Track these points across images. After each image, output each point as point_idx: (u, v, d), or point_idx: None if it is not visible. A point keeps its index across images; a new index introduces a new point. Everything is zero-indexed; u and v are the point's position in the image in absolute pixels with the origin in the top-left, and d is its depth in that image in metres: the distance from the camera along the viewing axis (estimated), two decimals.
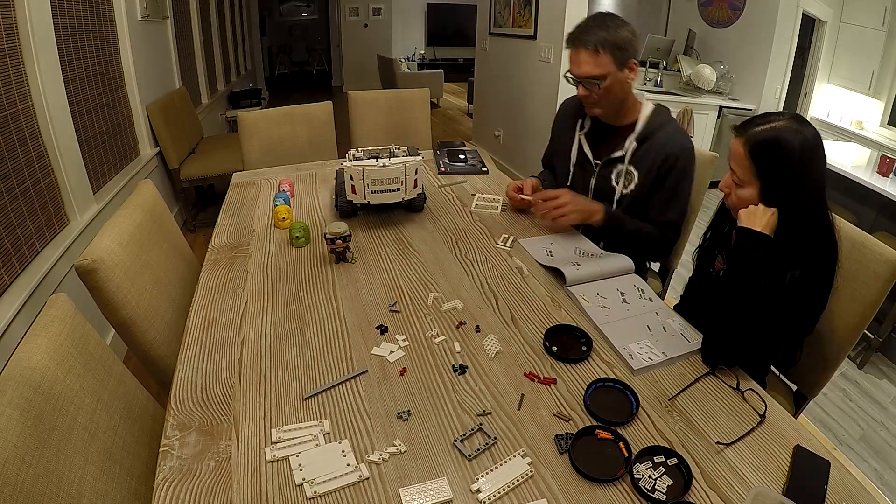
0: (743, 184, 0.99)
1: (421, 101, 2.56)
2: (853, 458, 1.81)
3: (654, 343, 1.02)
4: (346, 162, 1.44)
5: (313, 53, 10.39)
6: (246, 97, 5.76)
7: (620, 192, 1.48)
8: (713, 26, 4.50)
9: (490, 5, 4.31)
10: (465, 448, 0.78)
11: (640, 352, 0.99)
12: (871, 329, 2.22)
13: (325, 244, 1.28)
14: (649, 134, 1.42)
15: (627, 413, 0.85)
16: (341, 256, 1.30)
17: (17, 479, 0.61)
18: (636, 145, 1.43)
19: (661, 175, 1.41)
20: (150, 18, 3.06)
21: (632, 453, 0.77)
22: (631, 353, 0.98)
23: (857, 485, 0.75)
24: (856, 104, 4.30)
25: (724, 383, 0.93)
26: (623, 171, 1.46)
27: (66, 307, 0.86)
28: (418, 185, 1.51)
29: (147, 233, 1.24)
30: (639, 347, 1.00)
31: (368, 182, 1.43)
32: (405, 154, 1.53)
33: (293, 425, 0.82)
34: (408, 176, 1.45)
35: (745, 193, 1.00)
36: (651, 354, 0.98)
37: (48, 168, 1.87)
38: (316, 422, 0.83)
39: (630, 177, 1.45)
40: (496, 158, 4.46)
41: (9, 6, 1.66)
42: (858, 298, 1.09)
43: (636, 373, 0.95)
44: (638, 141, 1.43)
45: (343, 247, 1.28)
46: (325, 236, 1.26)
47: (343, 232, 1.25)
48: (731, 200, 1.05)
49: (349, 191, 1.45)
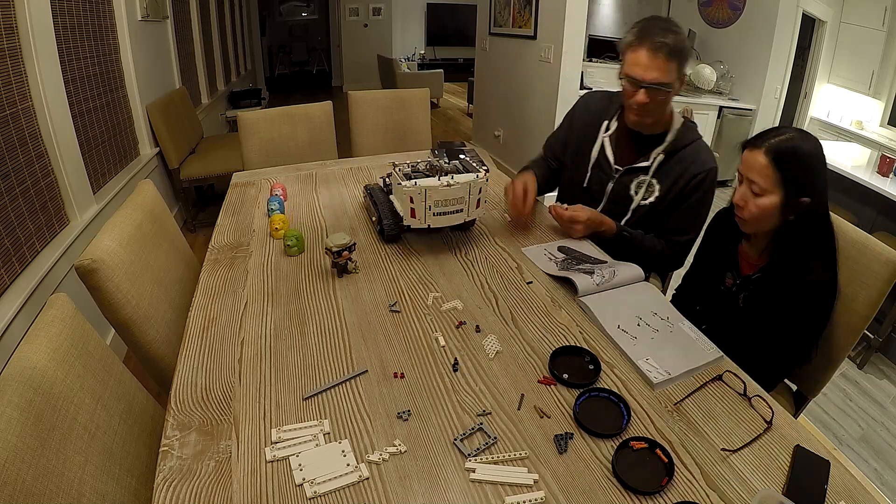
0: (764, 193, 1.03)
1: (421, 101, 2.56)
2: (853, 458, 1.81)
3: (671, 355, 0.98)
4: (398, 181, 1.28)
5: (313, 53, 10.39)
6: (246, 97, 5.76)
7: (638, 203, 1.44)
8: (713, 26, 4.50)
9: (490, 5, 4.31)
10: (465, 447, 0.78)
11: (658, 365, 0.95)
12: (871, 329, 2.22)
13: (329, 257, 1.19)
14: (678, 148, 1.39)
15: (617, 427, 0.83)
16: (343, 269, 1.22)
17: (17, 479, 0.61)
18: (664, 158, 1.39)
19: (686, 193, 1.39)
20: (150, 18, 3.06)
21: (671, 459, 0.76)
22: (649, 368, 0.94)
23: (857, 485, 0.75)
24: (856, 104, 4.30)
25: (730, 388, 0.93)
26: (645, 183, 1.42)
27: (66, 307, 0.86)
28: (481, 204, 1.34)
29: (147, 233, 1.24)
30: (657, 360, 0.96)
31: (430, 203, 1.26)
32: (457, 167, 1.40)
33: (293, 425, 0.82)
34: (472, 195, 1.30)
35: (766, 202, 1.04)
36: (668, 367, 0.95)
37: (48, 168, 1.87)
38: (316, 421, 0.83)
39: (651, 189, 1.42)
40: (496, 158, 4.46)
41: (9, 6, 1.66)
42: (858, 298, 1.09)
43: (656, 388, 0.91)
44: (666, 154, 1.39)
45: (347, 258, 1.20)
46: (330, 250, 1.16)
47: (347, 243, 1.17)
48: (748, 212, 1.07)
49: (408, 214, 1.27)
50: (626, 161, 1.45)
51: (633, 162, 1.44)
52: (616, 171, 1.47)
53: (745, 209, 1.07)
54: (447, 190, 1.26)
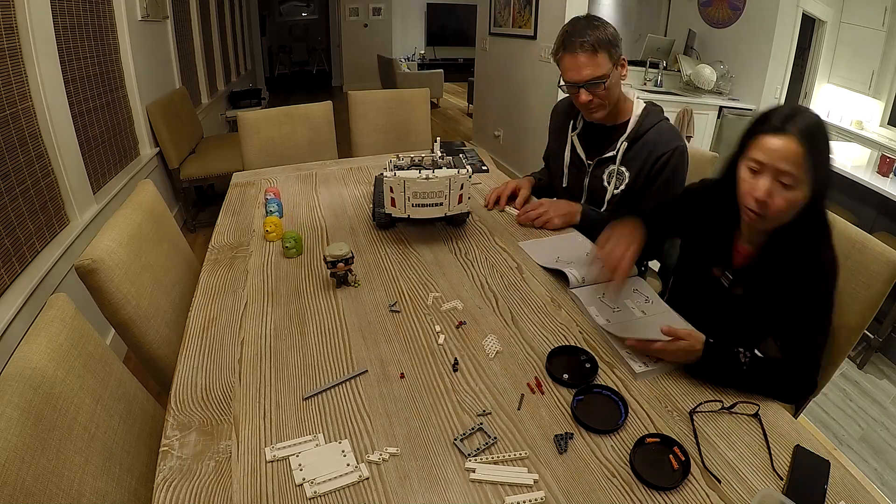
0: (797, 185, 0.90)
1: (421, 101, 2.56)
2: (853, 458, 1.81)
3: None
4: (387, 171, 1.34)
5: (313, 53, 10.39)
6: (246, 97, 5.76)
7: (612, 192, 1.49)
8: (713, 26, 4.50)
9: (490, 5, 4.31)
10: (465, 447, 0.78)
11: (643, 356, 0.97)
12: (871, 329, 2.22)
13: (325, 266, 1.18)
14: (640, 134, 1.42)
15: (615, 423, 0.83)
16: (343, 280, 1.20)
17: (17, 479, 0.61)
18: (627, 146, 1.43)
19: (652, 175, 1.42)
20: (150, 18, 3.06)
21: (688, 455, 0.77)
22: (633, 357, 0.97)
23: (857, 485, 0.75)
24: (856, 104, 4.29)
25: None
26: (614, 172, 1.47)
27: (66, 307, 0.86)
28: (463, 199, 1.38)
29: (147, 233, 1.24)
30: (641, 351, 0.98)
31: (410, 195, 1.33)
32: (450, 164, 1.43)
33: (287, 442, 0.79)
34: (452, 190, 1.34)
35: (798, 195, 0.91)
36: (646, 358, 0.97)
37: (48, 168, 1.87)
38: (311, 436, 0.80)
39: (621, 177, 1.46)
40: (496, 158, 4.46)
41: (9, 6, 1.66)
42: (858, 298, 1.09)
43: (638, 377, 0.93)
44: (629, 141, 1.43)
45: (345, 269, 1.18)
46: (326, 259, 1.16)
47: (345, 254, 1.15)
48: (775, 207, 0.92)
49: (388, 203, 1.35)
50: (596, 154, 1.50)
51: (601, 154, 1.48)
52: (588, 165, 1.52)
53: (772, 205, 0.92)
54: (426, 183, 1.32)
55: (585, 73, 1.33)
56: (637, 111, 1.44)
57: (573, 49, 1.32)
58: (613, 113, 1.45)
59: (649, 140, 1.41)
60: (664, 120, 1.45)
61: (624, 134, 1.44)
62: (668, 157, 1.39)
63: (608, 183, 1.49)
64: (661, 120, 1.44)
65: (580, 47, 1.31)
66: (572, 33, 1.33)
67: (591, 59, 1.32)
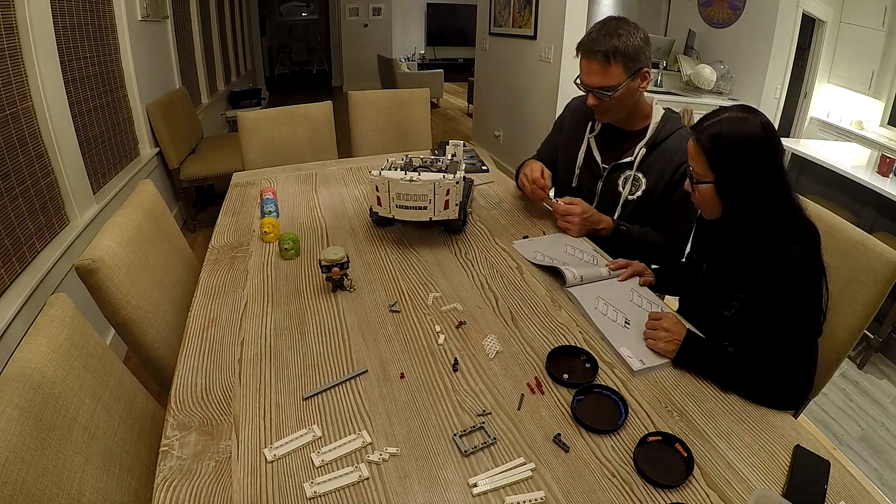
0: (700, 177, 1.04)
1: (421, 101, 2.56)
2: (853, 458, 1.81)
3: None
4: (377, 171, 1.35)
5: (313, 53, 10.39)
6: (246, 97, 5.76)
7: (626, 198, 1.47)
8: (713, 26, 4.50)
9: (490, 5, 4.31)
10: (464, 444, 0.78)
11: (639, 354, 0.98)
12: (871, 329, 2.22)
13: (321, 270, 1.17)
14: (659, 141, 1.41)
15: (615, 422, 0.83)
16: (338, 284, 1.18)
17: (18, 479, 0.61)
18: (645, 152, 1.42)
19: (673, 185, 1.40)
20: (150, 18, 3.06)
21: (690, 452, 0.77)
22: (630, 355, 0.97)
23: (857, 485, 0.75)
24: (856, 104, 4.30)
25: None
26: (630, 178, 1.45)
27: (66, 307, 0.86)
28: (450, 206, 1.34)
29: (147, 233, 1.24)
30: (638, 349, 0.99)
31: (393, 195, 1.32)
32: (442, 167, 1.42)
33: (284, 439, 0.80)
34: (437, 195, 1.31)
35: (704, 188, 1.04)
36: (650, 356, 0.98)
37: (48, 168, 1.87)
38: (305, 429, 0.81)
39: (638, 183, 1.45)
40: (496, 158, 4.45)
41: (9, 6, 1.66)
42: (858, 298, 1.09)
43: (635, 374, 0.94)
44: (647, 148, 1.42)
45: (340, 274, 1.16)
46: (320, 263, 1.15)
47: (340, 259, 1.14)
48: (695, 198, 1.08)
49: (374, 201, 1.36)
50: (612, 158, 1.48)
51: (618, 159, 1.46)
52: (604, 169, 1.50)
53: (693, 195, 1.08)
54: (408, 185, 1.30)
55: (594, 81, 1.33)
56: (656, 118, 1.42)
57: (589, 53, 1.32)
58: (631, 118, 1.43)
59: (668, 148, 1.40)
60: (683, 127, 1.43)
61: (642, 140, 1.42)
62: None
63: (623, 188, 1.47)
64: (680, 127, 1.43)
65: (595, 54, 1.30)
66: (593, 38, 1.31)
67: (602, 68, 1.30)
